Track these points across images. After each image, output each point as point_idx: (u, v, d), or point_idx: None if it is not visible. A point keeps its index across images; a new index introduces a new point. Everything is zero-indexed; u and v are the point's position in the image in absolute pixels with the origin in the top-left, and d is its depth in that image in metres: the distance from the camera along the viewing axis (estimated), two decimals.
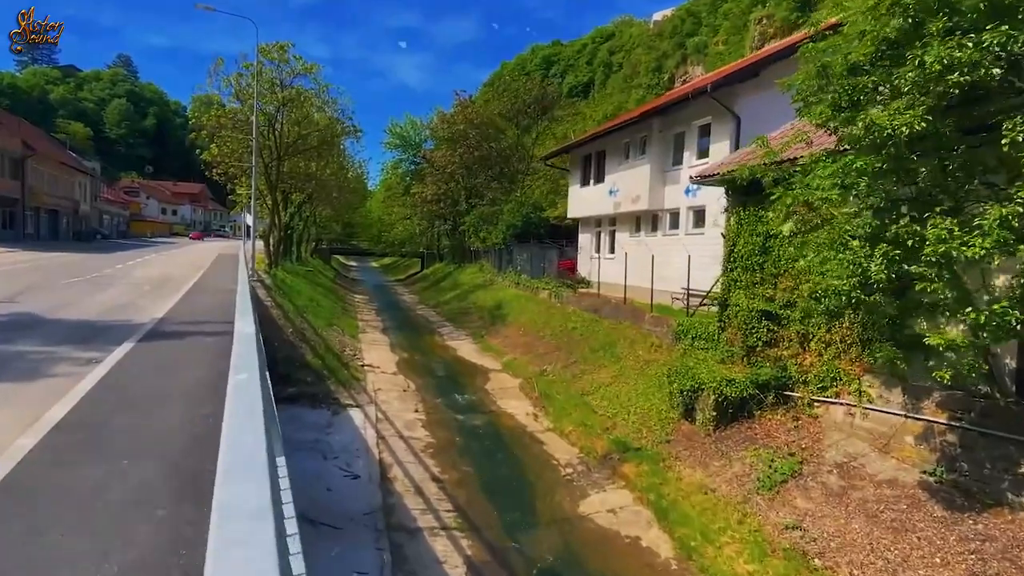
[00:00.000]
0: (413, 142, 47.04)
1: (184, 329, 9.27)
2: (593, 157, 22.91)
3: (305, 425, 12.05)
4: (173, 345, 8.10)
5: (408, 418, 13.49)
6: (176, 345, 8.11)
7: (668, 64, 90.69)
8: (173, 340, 8.39)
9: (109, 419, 4.86)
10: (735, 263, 12.30)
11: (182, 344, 8.19)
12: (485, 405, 15.08)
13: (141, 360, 6.98)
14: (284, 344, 14.98)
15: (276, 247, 27.47)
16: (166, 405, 5.34)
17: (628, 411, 12.61)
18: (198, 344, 8.12)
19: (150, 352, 7.52)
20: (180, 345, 8.12)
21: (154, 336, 8.59)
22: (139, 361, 6.91)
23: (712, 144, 16.73)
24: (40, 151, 41.44)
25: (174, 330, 9.13)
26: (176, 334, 8.78)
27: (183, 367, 6.77)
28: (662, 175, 18.81)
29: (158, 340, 8.32)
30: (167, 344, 8.10)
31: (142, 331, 8.93)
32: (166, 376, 6.36)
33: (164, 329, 9.21)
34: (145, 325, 9.57)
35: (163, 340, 8.33)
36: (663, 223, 19.03)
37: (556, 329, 20.07)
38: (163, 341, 8.26)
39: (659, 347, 14.86)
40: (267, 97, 23.42)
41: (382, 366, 18.36)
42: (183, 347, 7.98)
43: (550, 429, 12.98)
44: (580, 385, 14.98)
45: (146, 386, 6.00)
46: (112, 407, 5.16)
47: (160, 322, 9.95)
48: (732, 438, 10.38)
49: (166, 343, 8.17)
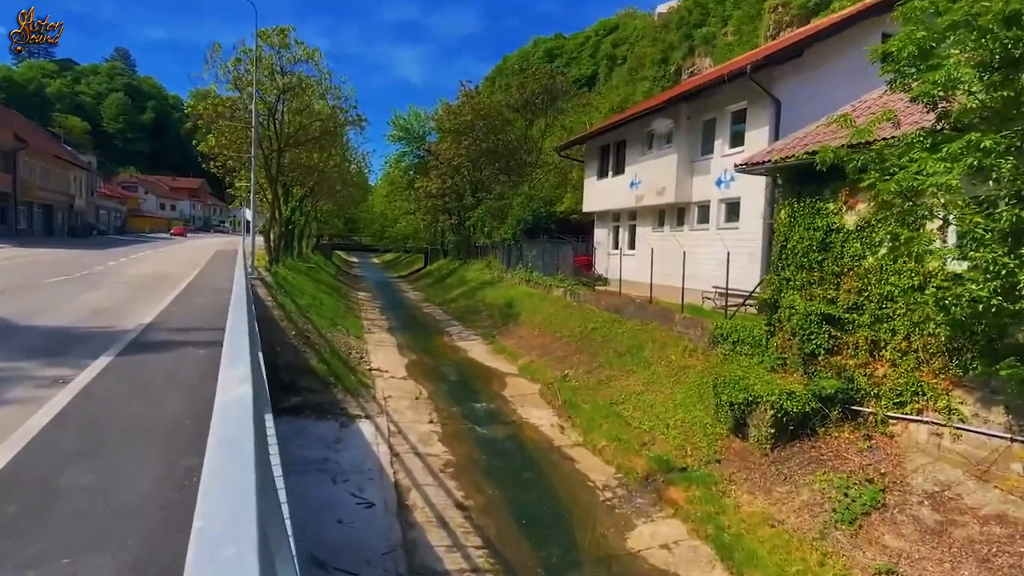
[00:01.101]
0: (417, 134, 45.72)
1: (173, 338, 8.07)
2: (612, 147, 21.66)
3: (311, 440, 10.87)
4: (158, 360, 6.89)
5: (423, 430, 12.31)
6: (161, 360, 6.91)
7: (675, 56, 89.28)
8: (159, 353, 7.19)
9: (54, 478, 3.61)
10: (787, 260, 11.08)
11: (169, 358, 6.99)
12: (505, 414, 13.90)
13: (117, 381, 5.80)
14: (287, 348, 13.79)
15: (277, 243, 26.24)
16: (137, 453, 4.12)
17: (667, 424, 11.41)
18: (188, 358, 6.92)
19: (129, 369, 6.32)
20: (166, 360, 6.91)
21: (138, 348, 7.39)
22: (114, 383, 5.73)
23: (748, 131, 15.48)
24: (32, 144, 40.14)
25: (162, 339, 7.94)
26: (163, 345, 7.59)
27: (167, 391, 5.57)
28: (690, 165, 17.57)
29: (141, 353, 7.12)
30: (151, 359, 6.90)
31: (124, 341, 7.73)
32: (144, 404, 5.17)
33: (150, 338, 8.01)
34: (129, 333, 8.38)
35: (147, 353, 7.13)
36: (690, 217, 17.80)
37: (574, 330, 18.87)
38: (147, 354, 7.06)
39: (693, 351, 13.67)
40: (266, 85, 22.13)
41: (391, 370, 17.18)
42: (170, 362, 6.78)
43: (579, 443, 11.78)
44: (608, 393, 13.78)
45: (116, 421, 4.79)
46: (64, 457, 3.91)
47: (147, 329, 8.75)
48: (794, 459, 9.19)
49: (150, 357, 6.96)
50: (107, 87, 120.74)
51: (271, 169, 24.28)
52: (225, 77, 22.89)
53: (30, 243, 33.86)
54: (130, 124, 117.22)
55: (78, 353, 7.00)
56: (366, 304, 33.30)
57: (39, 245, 32.61)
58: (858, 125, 7.71)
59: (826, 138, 10.04)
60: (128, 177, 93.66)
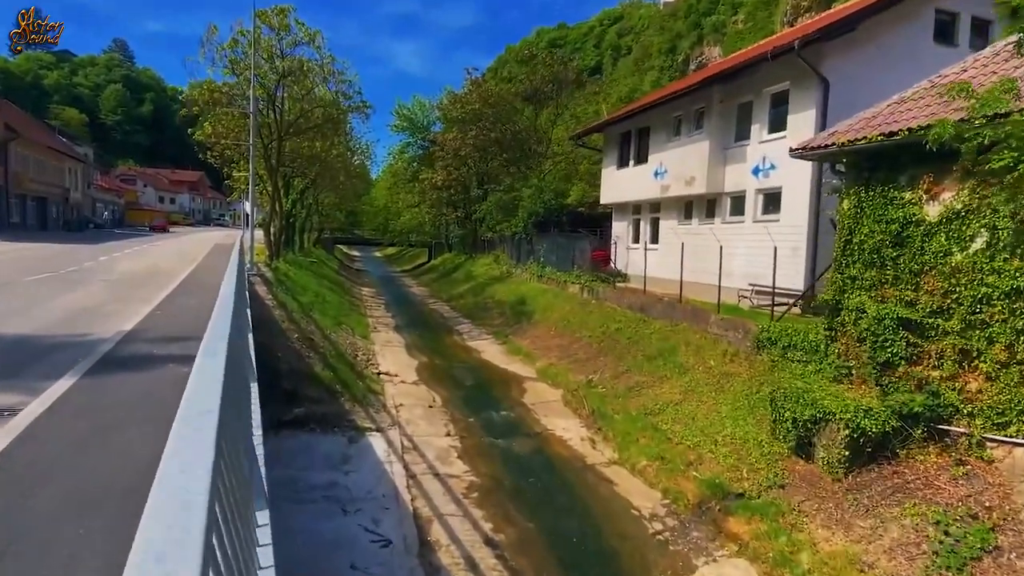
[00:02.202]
0: (421, 124, 44.28)
1: (155, 351, 6.85)
2: (634, 134, 20.34)
3: (317, 460, 9.67)
4: (131, 383, 5.66)
5: (440, 445, 11.10)
6: (136, 383, 5.68)
7: (682, 45, 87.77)
8: (134, 372, 5.97)
9: None
10: (853, 256, 9.81)
11: (145, 381, 5.76)
12: (527, 425, 12.69)
13: (74, 417, 4.60)
14: (289, 353, 12.57)
15: (277, 237, 24.98)
16: (76, 550, 2.85)
17: (714, 440, 10.19)
18: (168, 380, 5.68)
19: (93, 398, 5.11)
20: (141, 383, 5.68)
21: (110, 365, 6.17)
22: (69, 419, 4.53)
23: (791, 114, 14.20)
24: (24, 134, 38.79)
25: (141, 353, 6.72)
26: (141, 361, 6.37)
27: (134, 433, 4.33)
28: (722, 153, 16.28)
29: (113, 372, 5.91)
30: (123, 382, 5.68)
31: (96, 355, 6.51)
32: (100, 454, 3.95)
33: (128, 351, 6.79)
34: (104, 344, 7.16)
35: (120, 373, 5.91)
36: (722, 208, 16.52)
37: (596, 330, 17.64)
38: (119, 375, 5.84)
39: (735, 356, 12.44)
40: (265, 68, 20.81)
41: (400, 374, 15.97)
42: (144, 387, 5.55)
43: (615, 461, 10.57)
44: (640, 401, 12.56)
45: (54, 482, 3.54)
46: None
47: (126, 338, 7.52)
48: (874, 487, 7.97)
49: (123, 379, 5.74)
50: (105, 79, 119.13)
51: (271, 159, 22.99)
52: (221, 61, 21.57)
53: (23, 237, 32.62)
54: (128, 116, 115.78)
55: (37, 372, 5.79)
56: (370, 300, 32.09)
57: (31, 239, 31.39)
58: (978, 95, 6.42)
59: (908, 116, 8.77)
60: (126, 170, 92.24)
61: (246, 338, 6.94)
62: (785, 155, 14.35)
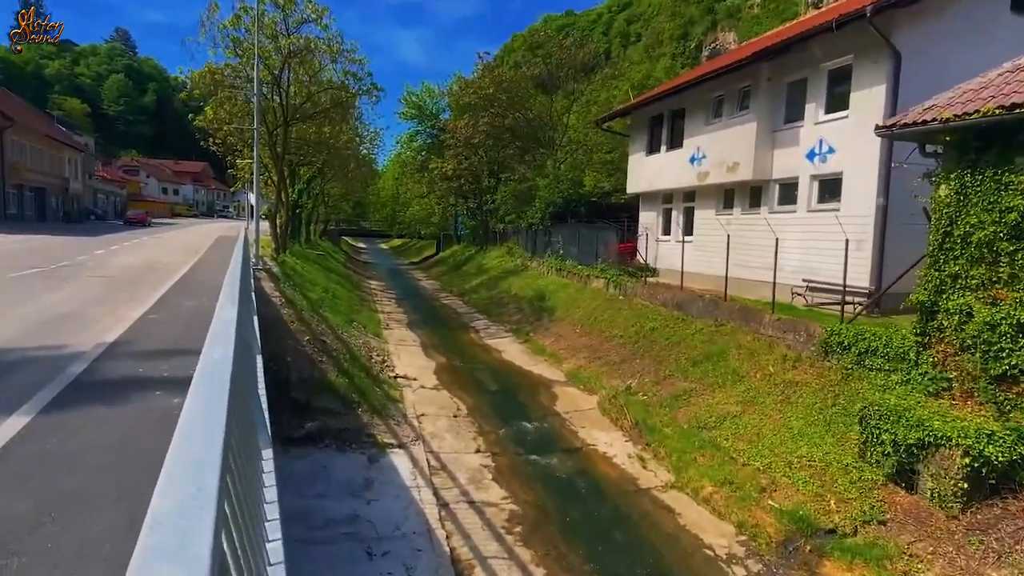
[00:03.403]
0: (430, 112, 42.79)
1: (141, 371, 5.56)
2: (666, 117, 18.90)
3: (335, 485, 8.41)
4: (104, 424, 4.32)
5: (471, 463, 9.84)
6: (110, 424, 4.33)
7: (695, 31, 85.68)
8: (110, 406, 4.67)
9: None
10: (954, 251, 8.43)
11: (123, 419, 4.42)
12: (564, 438, 11.41)
13: (15, 483, 3.29)
14: (299, 358, 11.29)
15: (283, 229, 23.65)
16: None
17: (788, 462, 8.88)
18: (153, 417, 4.33)
19: (47, 450, 3.80)
20: (118, 424, 4.34)
21: (80, 393, 4.89)
22: (10, 486, 3.23)
23: (854, 92, 12.76)
24: (20, 122, 37.47)
25: (122, 374, 5.44)
26: (122, 387, 5.09)
27: (98, 519, 2.99)
28: (770, 136, 14.86)
29: (81, 406, 4.61)
30: (94, 420, 4.34)
31: (66, 377, 5.24)
32: (38, 563, 2.63)
33: (107, 372, 5.51)
34: (79, 360, 5.89)
35: (91, 406, 4.61)
36: (769, 197, 15.12)
37: (628, 329, 16.32)
38: (90, 409, 4.54)
39: (797, 362, 11.11)
40: (269, 48, 19.41)
41: (419, 377, 14.71)
42: (121, 431, 4.21)
43: (673, 485, 9.27)
44: (691, 412, 11.25)
45: None
46: None
47: (107, 352, 6.24)
48: (1002, 526, 6.66)
49: (93, 417, 4.42)
50: (107, 68, 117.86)
51: (276, 146, 21.64)
52: (223, 42, 20.16)
53: (20, 229, 31.44)
54: (131, 106, 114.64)
55: None
56: (380, 294, 30.84)
57: (28, 231, 30.21)
58: None
59: None
60: (129, 160, 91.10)
61: (253, 349, 5.69)
62: (846, 137, 13.01)
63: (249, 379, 3.43)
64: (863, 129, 12.54)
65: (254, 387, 3.51)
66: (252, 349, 4.28)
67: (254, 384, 3.57)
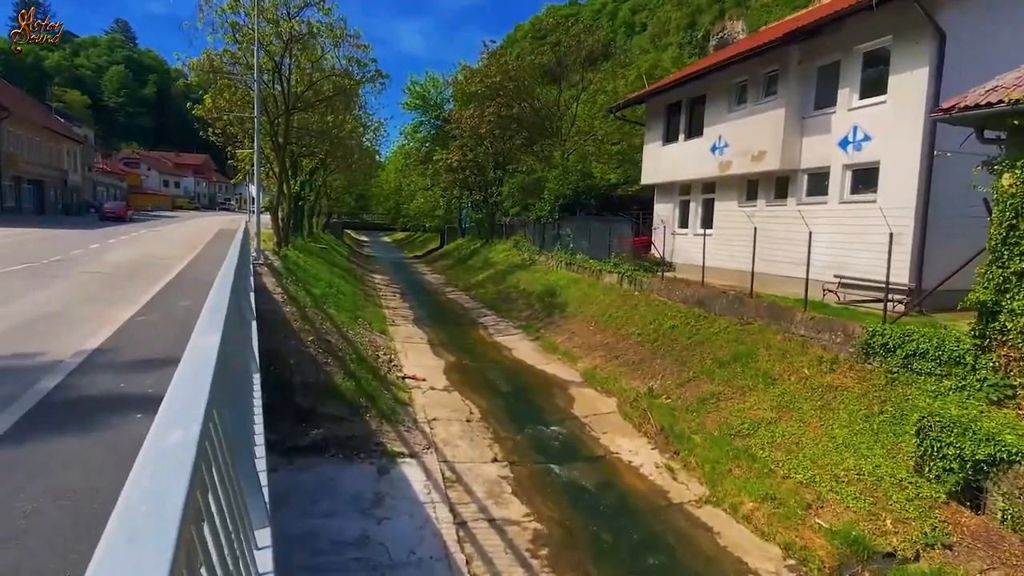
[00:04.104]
0: (434, 102, 41.88)
1: (120, 388, 4.86)
2: (684, 105, 18.08)
3: (342, 501, 7.73)
4: (72, 462, 3.48)
5: (488, 474, 9.15)
6: (80, 462, 3.48)
7: (703, 20, 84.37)
8: (79, 436, 3.89)
9: None
10: (1021, 246, 7.68)
11: (90, 456, 3.60)
12: (585, 445, 10.72)
13: None
14: (303, 360, 10.59)
15: (285, 222, 22.91)
16: None
17: (834, 476, 8.18)
18: (126, 449, 3.60)
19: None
20: (83, 460, 3.52)
21: (46, 418, 4.17)
22: None
23: (892, 75, 11.96)
24: (17, 113, 36.70)
25: (100, 391, 4.73)
26: (97, 407, 4.38)
27: None
28: (799, 123, 14.06)
29: (47, 436, 3.87)
30: (55, 454, 3.54)
31: (33, 396, 4.55)
32: None
33: (83, 388, 4.80)
34: (54, 372, 5.19)
35: (58, 436, 3.85)
36: (797, 187, 14.34)
37: (646, 327, 15.60)
38: (53, 440, 3.78)
39: (835, 364, 10.38)
40: (269, 32, 18.60)
41: (428, 378, 14.03)
42: (86, 473, 3.40)
43: (708, 500, 8.57)
44: (721, 418, 10.54)
45: None
46: None
47: (87, 363, 5.55)
48: None
49: (56, 450, 3.63)
50: (107, 60, 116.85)
51: (277, 136, 20.87)
52: (222, 27, 19.35)
53: (17, 222, 30.76)
54: (131, 98, 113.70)
55: None
56: (384, 289, 30.15)
57: (25, 224, 29.53)
58: None
59: None
60: (130, 153, 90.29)
61: (249, 354, 5.01)
62: (883, 123, 12.22)
63: (242, 446, 2.70)
64: (902, 115, 11.79)
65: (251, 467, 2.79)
66: (247, 385, 3.55)
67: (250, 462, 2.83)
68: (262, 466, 3.19)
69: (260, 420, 3.89)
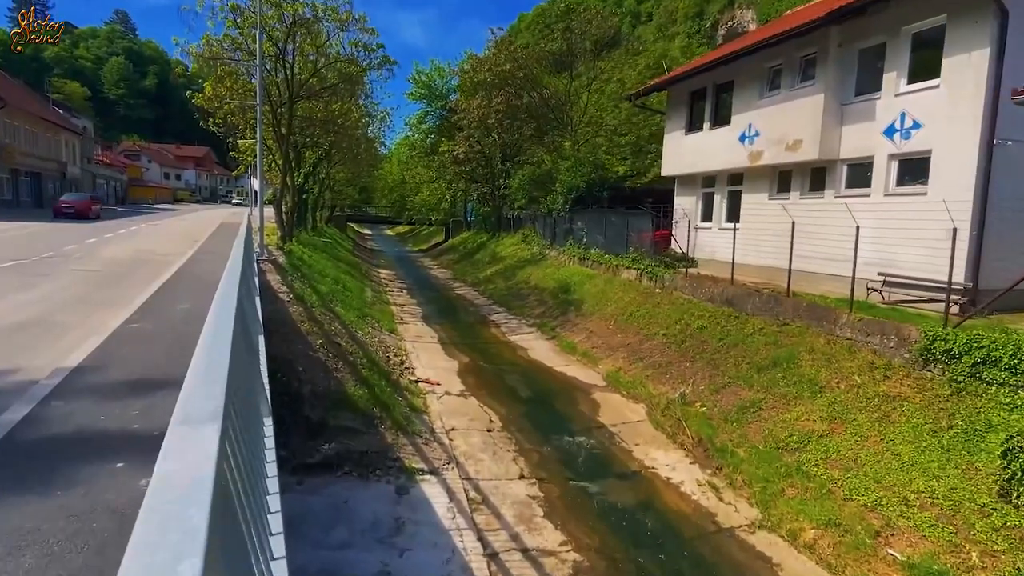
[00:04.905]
0: (440, 92, 40.86)
1: (101, 421, 4.03)
2: (710, 91, 17.15)
3: (359, 528, 6.94)
4: (19, 544, 2.61)
5: (516, 494, 8.36)
6: (30, 543, 2.62)
7: (711, 9, 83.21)
8: (40, 498, 3.00)
9: None
10: None
11: (51, 534, 2.73)
12: (617, 458, 9.91)
13: None
14: (312, 367, 9.78)
15: (290, 215, 22.06)
16: None
17: (903, 498, 7.36)
18: (102, 525, 2.70)
19: None
20: (41, 543, 2.65)
21: (3, 470, 3.32)
22: None
23: (946, 57, 11.03)
24: (13, 103, 35.81)
25: (76, 427, 3.90)
26: (71, 450, 3.54)
27: None
28: (837, 110, 13.16)
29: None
30: (4, 535, 2.69)
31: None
32: None
33: (54, 422, 3.97)
34: (24, 398, 4.40)
35: (10, 500, 2.99)
36: (836, 179, 13.46)
37: (671, 327, 14.77)
38: (6, 507, 2.92)
39: (890, 371, 9.54)
40: (272, 17, 17.69)
41: (443, 381, 13.24)
42: (44, 563, 2.54)
43: (763, 525, 7.76)
44: (765, 428, 9.72)
45: None
46: None
47: (66, 383, 4.73)
48: None
49: (5, 526, 2.77)
50: (107, 51, 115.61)
51: (280, 126, 19.99)
52: (223, 11, 18.44)
53: (14, 215, 29.98)
54: (132, 90, 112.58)
55: None
56: (390, 284, 29.35)
57: (21, 218, 28.75)
58: None
59: None
60: (131, 145, 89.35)
61: (257, 367, 4.23)
62: (936, 110, 11.30)
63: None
64: (958, 100, 10.89)
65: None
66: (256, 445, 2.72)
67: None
68: (277, 524, 2.40)
69: (275, 482, 3.08)
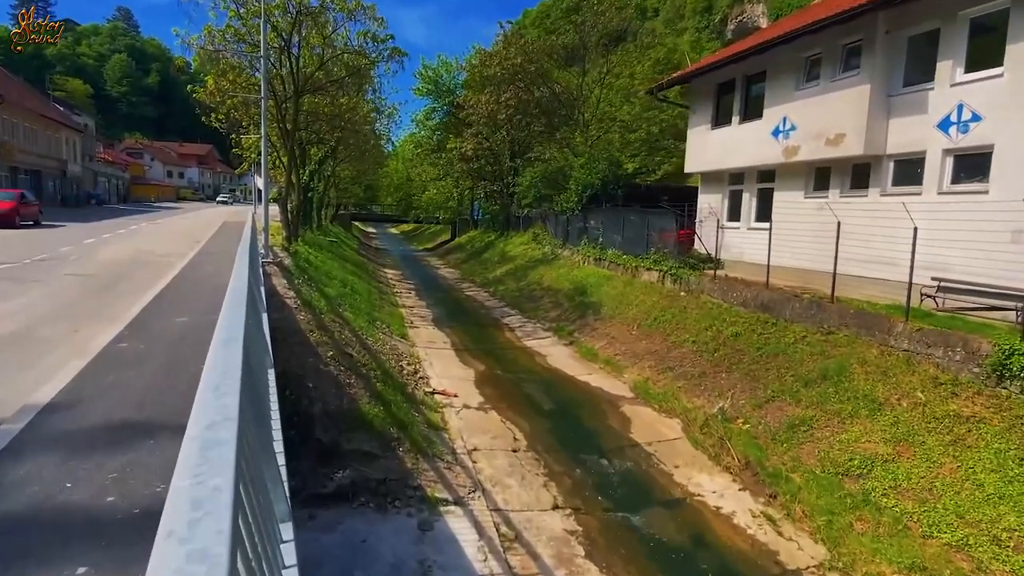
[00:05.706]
0: (447, 87, 39.94)
1: (66, 491, 3.19)
2: (739, 83, 16.21)
3: (379, 573, 6.09)
4: None
5: (551, 528, 7.50)
6: None
7: (720, 4, 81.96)
8: None
9: None
10: None
11: None
12: (657, 484, 9.04)
13: None
14: (324, 382, 8.93)
15: (295, 214, 21.24)
16: None
17: (992, 536, 6.49)
18: None
19: None
20: None
21: None
22: None
23: (1011, 44, 10.10)
24: (11, 100, 35.03)
25: (29, 507, 3.05)
26: (19, 549, 2.70)
27: None
28: (884, 102, 12.23)
29: None
30: None
31: None
32: None
33: (5, 492, 3.11)
34: None
35: None
36: (881, 176, 12.54)
37: (701, 334, 13.89)
38: None
39: (958, 387, 8.66)
40: (277, 6, 16.83)
41: (460, 392, 12.39)
42: None
43: (834, 566, 6.89)
44: (820, 450, 8.84)
45: None
46: None
47: (29, 430, 3.91)
48: None
49: None
50: (109, 48, 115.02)
51: (285, 122, 19.14)
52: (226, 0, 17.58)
53: None
54: (134, 87, 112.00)
55: None
56: (398, 285, 28.50)
57: None
58: None
59: None
60: (133, 143, 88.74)
61: (266, 393, 3.45)
62: (999, 101, 10.36)
63: None
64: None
65: None
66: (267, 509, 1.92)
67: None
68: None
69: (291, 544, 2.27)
